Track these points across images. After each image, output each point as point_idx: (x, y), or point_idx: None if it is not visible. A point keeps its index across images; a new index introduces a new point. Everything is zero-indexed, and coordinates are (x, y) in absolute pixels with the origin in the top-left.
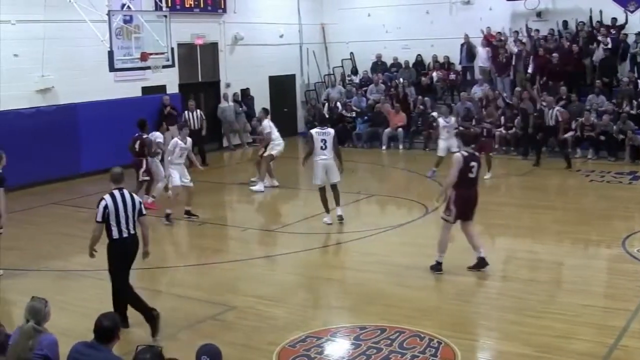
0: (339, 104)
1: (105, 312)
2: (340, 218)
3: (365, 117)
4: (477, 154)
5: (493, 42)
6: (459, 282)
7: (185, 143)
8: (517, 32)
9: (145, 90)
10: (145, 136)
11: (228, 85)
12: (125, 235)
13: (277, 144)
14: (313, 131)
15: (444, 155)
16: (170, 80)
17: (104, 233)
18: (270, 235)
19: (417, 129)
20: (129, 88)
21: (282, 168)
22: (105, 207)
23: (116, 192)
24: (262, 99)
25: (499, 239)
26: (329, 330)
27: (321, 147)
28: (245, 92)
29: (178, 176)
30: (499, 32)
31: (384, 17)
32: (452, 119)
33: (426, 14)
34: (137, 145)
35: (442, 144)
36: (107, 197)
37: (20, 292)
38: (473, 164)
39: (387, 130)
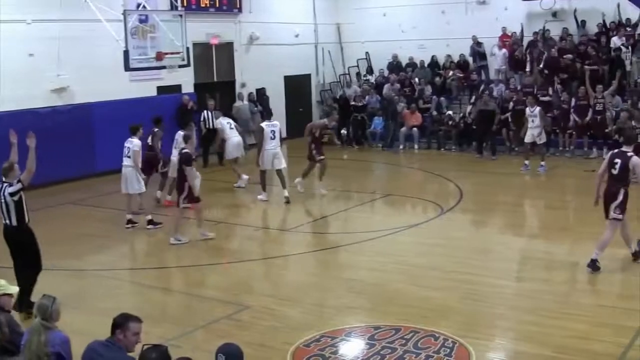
0: (352, 102)
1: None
2: (287, 200)
3: (380, 116)
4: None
5: (508, 42)
6: (474, 282)
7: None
8: (536, 32)
9: (160, 89)
10: (156, 129)
11: (243, 85)
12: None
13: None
14: (263, 124)
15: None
16: (186, 79)
17: None
18: (285, 235)
19: (433, 128)
20: (144, 88)
21: (297, 169)
22: None
23: None
24: (277, 99)
25: (514, 239)
26: (344, 330)
27: (271, 137)
28: (260, 92)
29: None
30: (514, 32)
31: (400, 16)
32: (537, 109)
33: (442, 14)
34: (150, 140)
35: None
36: None
37: (36, 292)
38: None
39: (403, 129)
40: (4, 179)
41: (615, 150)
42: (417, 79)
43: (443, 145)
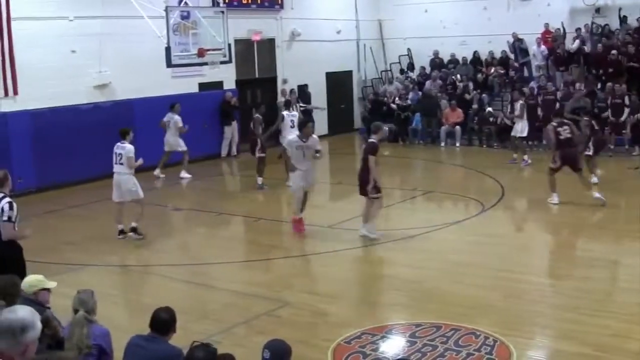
0: (397, 99)
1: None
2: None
3: (421, 112)
4: None
5: (549, 39)
6: (514, 279)
7: None
8: (579, 29)
9: (202, 86)
10: (257, 115)
11: (285, 81)
12: None
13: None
14: (284, 113)
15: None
16: (227, 76)
17: None
18: (326, 232)
19: (475, 125)
20: (186, 84)
21: (340, 165)
22: None
23: None
24: (319, 95)
25: (555, 237)
26: (384, 327)
27: (290, 126)
28: (302, 88)
29: None
30: (558, 29)
31: (441, 13)
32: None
33: (484, 10)
34: (251, 125)
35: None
36: None
37: (77, 287)
38: None
39: (445, 127)
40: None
41: None
42: (458, 76)
43: (485, 142)
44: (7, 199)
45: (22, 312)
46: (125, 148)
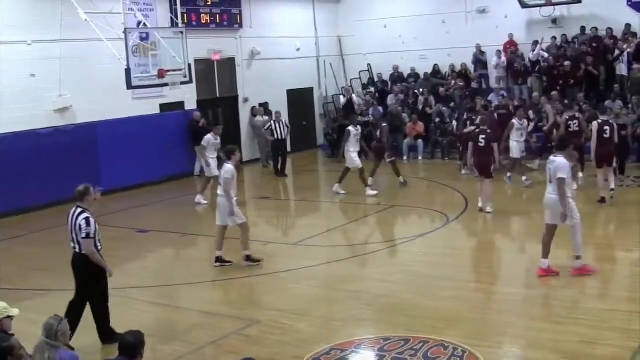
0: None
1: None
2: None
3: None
4: None
5: (510, 50)
6: (482, 290)
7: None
8: (536, 41)
9: (163, 107)
10: (384, 124)
11: (246, 100)
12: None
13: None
14: (350, 128)
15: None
16: (189, 96)
17: None
18: (292, 249)
19: (438, 138)
20: (148, 105)
21: (303, 182)
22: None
23: (72, 209)
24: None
25: (520, 246)
26: (353, 342)
27: (355, 141)
28: (264, 106)
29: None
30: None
31: (400, 28)
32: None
33: (442, 24)
34: (378, 134)
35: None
36: None
37: (44, 313)
38: None
39: (407, 140)
40: (78, 204)
41: None
42: (420, 89)
43: (447, 154)
44: (85, 215)
45: None
46: (225, 169)
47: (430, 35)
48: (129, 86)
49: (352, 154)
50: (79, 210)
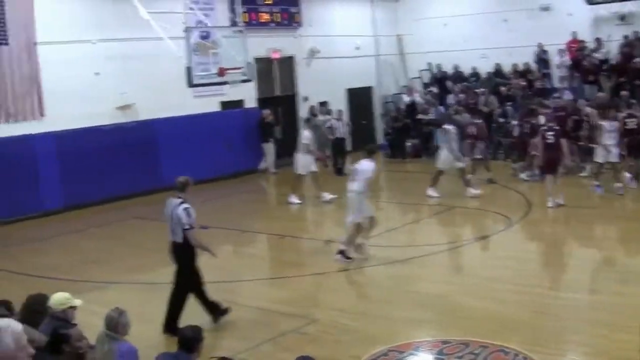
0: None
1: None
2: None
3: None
4: None
5: (575, 49)
6: (545, 295)
7: None
8: (598, 39)
9: (223, 105)
10: (480, 121)
11: (306, 99)
12: (170, 239)
13: None
14: (449, 127)
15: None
16: (248, 94)
17: None
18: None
19: (500, 139)
20: (208, 103)
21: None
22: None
23: (171, 199)
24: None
25: (588, 251)
26: (411, 344)
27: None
28: (323, 105)
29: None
30: (581, 40)
31: (461, 26)
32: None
33: (504, 22)
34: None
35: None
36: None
37: (105, 305)
38: None
39: (468, 141)
40: (178, 194)
41: None
42: (481, 89)
43: (509, 155)
44: (184, 205)
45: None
46: (366, 165)
47: (492, 34)
48: (190, 84)
49: (444, 153)
50: (179, 200)
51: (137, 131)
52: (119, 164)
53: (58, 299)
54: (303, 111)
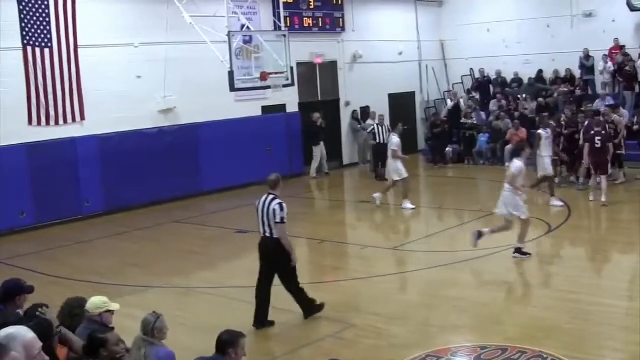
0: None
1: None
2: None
3: (487, 133)
4: None
5: (617, 55)
6: (583, 301)
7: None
8: None
9: (265, 109)
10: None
11: (348, 104)
12: (261, 234)
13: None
14: (541, 131)
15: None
16: (290, 99)
17: None
18: (390, 253)
19: None
20: (250, 107)
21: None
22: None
23: (264, 196)
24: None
25: (625, 257)
26: (449, 350)
27: (547, 145)
28: (365, 110)
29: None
30: (623, 46)
31: (504, 32)
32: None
33: (547, 28)
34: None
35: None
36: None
37: (142, 308)
38: None
39: (509, 146)
40: (270, 191)
41: None
42: (523, 95)
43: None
44: (278, 200)
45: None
46: (514, 164)
47: (535, 40)
48: (232, 88)
49: (546, 159)
50: (272, 196)
51: (178, 135)
52: (160, 167)
53: (95, 302)
54: (345, 116)
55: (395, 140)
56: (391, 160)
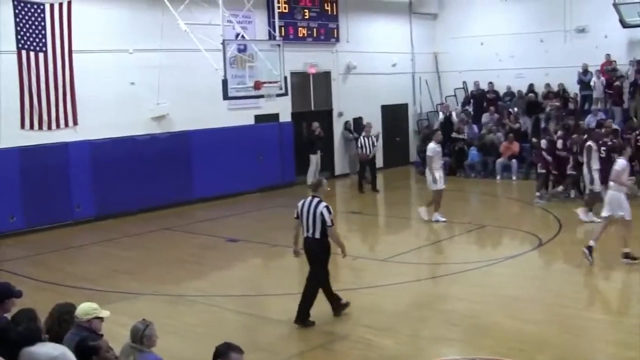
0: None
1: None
2: None
3: (477, 147)
4: None
5: (607, 67)
6: (573, 315)
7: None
8: (632, 61)
9: (258, 118)
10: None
11: (341, 114)
12: (304, 235)
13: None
14: (590, 143)
15: None
16: (284, 108)
17: None
18: (381, 265)
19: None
20: (242, 116)
21: (394, 197)
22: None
23: (308, 198)
24: (374, 129)
25: (616, 272)
26: None
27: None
28: (357, 121)
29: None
30: (613, 61)
31: (497, 45)
32: None
33: (540, 43)
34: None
35: None
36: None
37: (132, 315)
38: None
39: (500, 160)
40: (313, 193)
41: None
42: (515, 109)
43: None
44: (324, 203)
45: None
46: (619, 161)
47: (528, 54)
48: (225, 97)
49: (595, 173)
50: (317, 199)
51: (171, 142)
52: (152, 174)
53: (84, 308)
54: (338, 127)
55: (431, 146)
56: (428, 170)
